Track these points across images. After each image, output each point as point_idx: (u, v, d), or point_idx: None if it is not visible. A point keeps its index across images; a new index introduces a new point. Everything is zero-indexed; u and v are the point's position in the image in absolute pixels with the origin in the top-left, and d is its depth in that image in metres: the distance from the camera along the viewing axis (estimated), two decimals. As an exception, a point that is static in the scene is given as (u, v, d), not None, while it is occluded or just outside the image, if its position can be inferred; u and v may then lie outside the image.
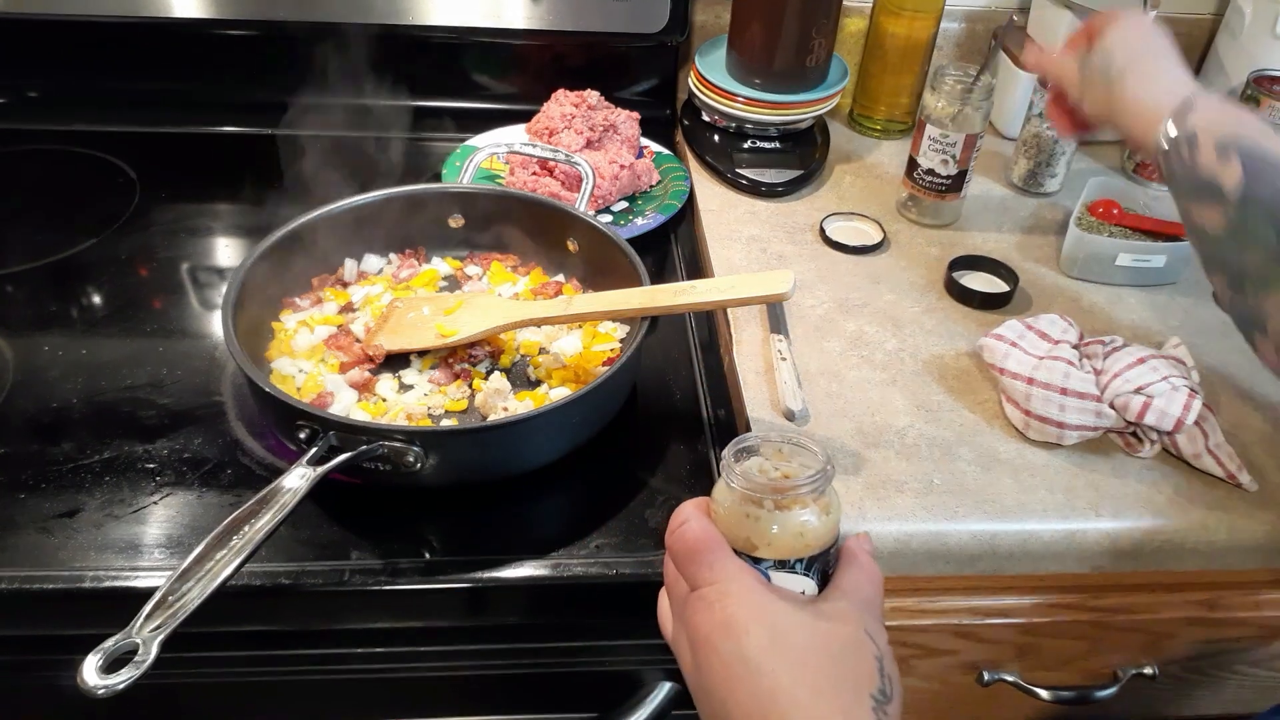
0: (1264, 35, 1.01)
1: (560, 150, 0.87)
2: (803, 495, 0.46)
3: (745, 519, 0.46)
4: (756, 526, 0.46)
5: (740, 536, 0.46)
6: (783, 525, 0.46)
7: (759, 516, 0.46)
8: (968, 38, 1.14)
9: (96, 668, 0.46)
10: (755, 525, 0.46)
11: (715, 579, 0.45)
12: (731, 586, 0.44)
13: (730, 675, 0.43)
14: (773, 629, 0.43)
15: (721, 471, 0.47)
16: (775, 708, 0.41)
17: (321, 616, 0.62)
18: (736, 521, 0.46)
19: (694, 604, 0.45)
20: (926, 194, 0.91)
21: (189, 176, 0.97)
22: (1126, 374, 0.68)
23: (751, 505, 0.46)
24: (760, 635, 0.43)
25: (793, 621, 0.43)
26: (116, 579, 0.58)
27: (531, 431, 0.62)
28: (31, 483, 0.64)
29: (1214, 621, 0.74)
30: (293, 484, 0.55)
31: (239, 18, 1.00)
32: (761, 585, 0.45)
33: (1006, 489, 0.66)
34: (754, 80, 0.97)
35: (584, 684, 0.69)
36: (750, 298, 0.66)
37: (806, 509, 0.46)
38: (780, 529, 0.46)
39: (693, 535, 0.46)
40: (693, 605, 0.45)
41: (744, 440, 0.49)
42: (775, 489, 0.46)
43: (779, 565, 0.46)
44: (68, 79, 1.05)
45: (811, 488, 0.46)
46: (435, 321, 0.74)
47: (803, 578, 0.46)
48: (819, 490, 0.46)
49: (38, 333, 0.76)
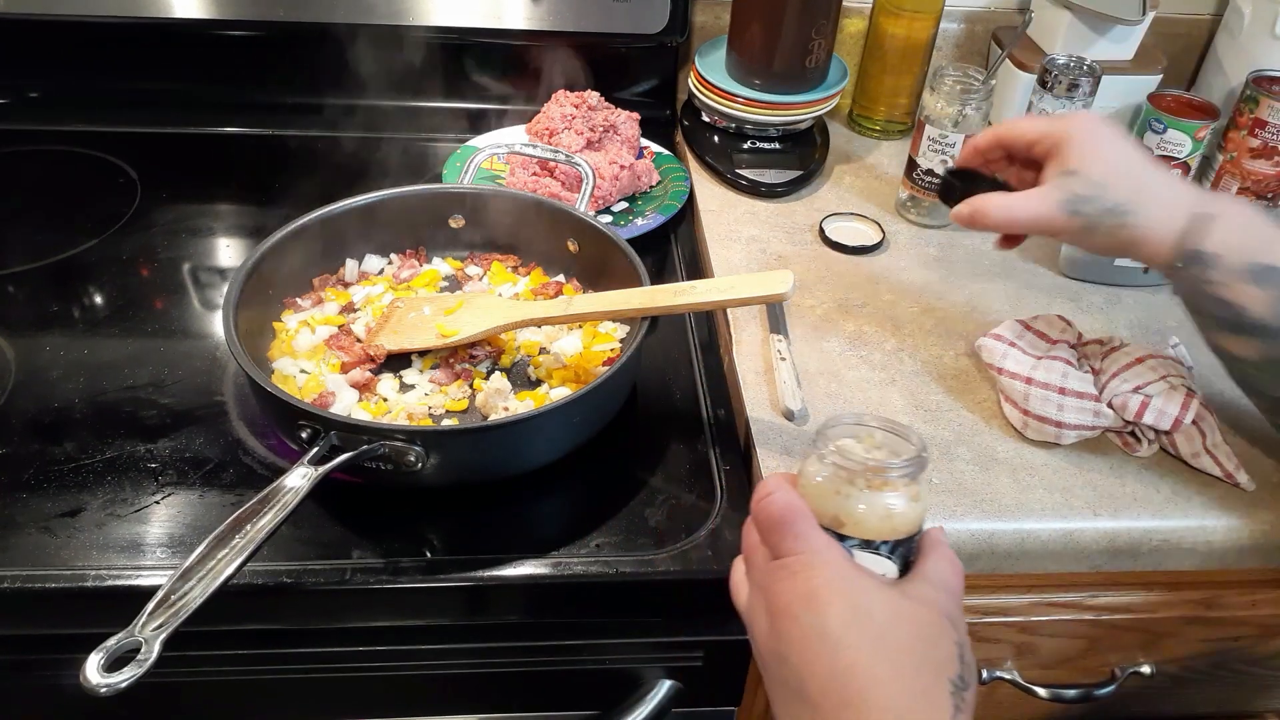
0: (1263, 35, 1.01)
1: (560, 151, 0.87)
2: (896, 479, 0.46)
3: (835, 496, 0.46)
4: (845, 504, 0.46)
5: (828, 513, 0.46)
6: (871, 505, 0.45)
7: (849, 495, 0.46)
8: (967, 38, 1.14)
9: (99, 666, 0.46)
10: (844, 503, 0.46)
11: (800, 550, 0.45)
12: (817, 559, 0.44)
13: (808, 647, 0.42)
14: (855, 605, 0.43)
15: (816, 445, 0.47)
16: (853, 683, 0.41)
17: (323, 615, 0.62)
18: (825, 497, 0.46)
19: (776, 572, 0.45)
20: (926, 194, 0.91)
21: (190, 176, 0.97)
22: (1125, 374, 0.69)
23: (843, 483, 0.46)
24: (843, 609, 0.42)
25: (876, 599, 0.43)
26: (119, 578, 0.59)
27: (532, 431, 0.63)
28: (33, 482, 0.64)
29: (1211, 620, 0.74)
30: (294, 483, 0.55)
31: (239, 18, 1.00)
32: (847, 561, 0.45)
33: (1005, 488, 0.66)
34: (754, 81, 0.97)
35: (584, 682, 0.69)
36: (750, 298, 0.66)
37: (897, 493, 0.46)
38: (869, 509, 0.45)
39: (780, 504, 0.46)
40: (775, 574, 0.45)
41: (840, 419, 0.48)
42: (871, 469, 0.46)
43: (864, 545, 0.46)
44: (68, 79, 1.05)
45: (905, 472, 0.46)
46: (436, 321, 0.74)
47: (886, 560, 0.46)
48: (912, 476, 0.46)
49: (39, 333, 0.76)
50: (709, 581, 0.61)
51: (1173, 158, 0.98)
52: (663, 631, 0.66)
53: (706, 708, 0.72)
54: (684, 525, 0.64)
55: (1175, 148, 0.98)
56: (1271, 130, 0.94)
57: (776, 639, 0.44)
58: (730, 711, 0.73)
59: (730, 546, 0.62)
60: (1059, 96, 0.92)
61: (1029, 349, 0.72)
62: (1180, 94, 1.01)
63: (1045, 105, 0.93)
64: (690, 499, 0.66)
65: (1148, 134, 0.99)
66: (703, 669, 0.68)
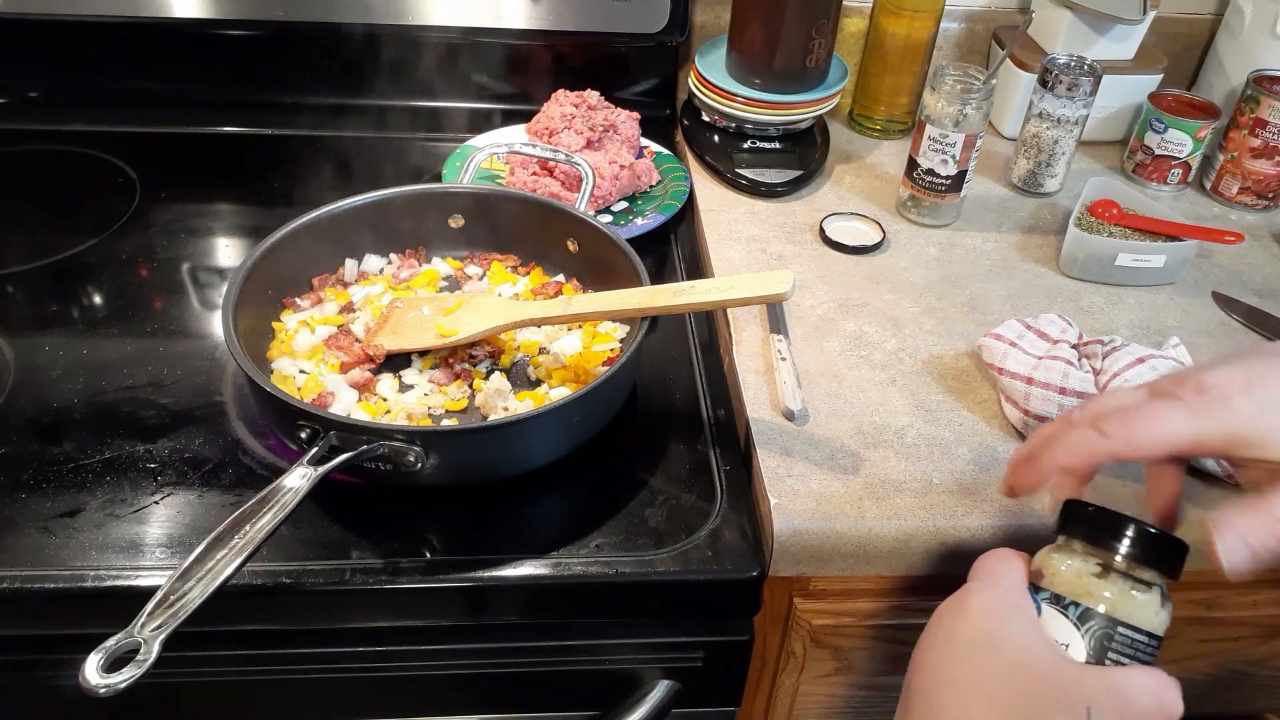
0: (1264, 35, 1.01)
1: (560, 150, 0.87)
2: (1121, 561, 0.44)
3: (1049, 552, 0.46)
4: (1053, 557, 0.45)
5: (1034, 565, 0.46)
6: (1074, 565, 0.44)
7: (1065, 553, 0.45)
8: (968, 38, 1.14)
9: (98, 667, 0.46)
10: (1052, 556, 0.45)
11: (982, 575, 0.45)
12: (990, 581, 0.44)
13: (931, 648, 0.42)
14: (992, 633, 0.41)
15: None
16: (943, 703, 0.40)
17: (322, 615, 0.62)
18: (1043, 554, 0.46)
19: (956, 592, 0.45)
20: (926, 194, 0.91)
21: (189, 176, 0.97)
22: (1125, 374, 0.68)
23: (1068, 546, 0.46)
24: (978, 630, 0.41)
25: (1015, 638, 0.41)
26: (118, 578, 0.59)
27: (531, 431, 0.63)
28: (32, 482, 0.64)
29: (1212, 621, 0.74)
30: (293, 484, 0.55)
31: (239, 18, 1.00)
32: (1018, 596, 0.43)
33: (1006, 489, 0.66)
34: (754, 80, 0.97)
35: (584, 683, 0.69)
36: (750, 298, 0.66)
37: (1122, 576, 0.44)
38: (1071, 566, 0.44)
39: (996, 552, 0.46)
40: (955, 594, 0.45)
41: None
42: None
43: (1054, 600, 0.44)
44: (68, 79, 1.05)
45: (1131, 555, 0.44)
46: (435, 321, 0.74)
47: (1070, 625, 0.43)
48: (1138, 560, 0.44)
49: (38, 333, 0.76)
50: (709, 582, 0.61)
51: (1173, 157, 0.99)
52: (662, 632, 0.66)
53: (706, 708, 0.72)
54: (684, 525, 0.64)
55: (1176, 147, 0.98)
56: (1272, 130, 0.94)
57: (921, 637, 0.44)
58: (730, 712, 0.73)
59: (730, 547, 0.62)
60: (1059, 96, 0.92)
61: (1029, 349, 0.72)
62: (1181, 93, 1.01)
63: (1045, 105, 0.93)
64: (690, 499, 0.66)
65: (1148, 133, 0.99)
66: (702, 669, 0.68)
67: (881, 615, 0.70)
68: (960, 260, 0.89)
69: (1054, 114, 0.93)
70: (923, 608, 0.70)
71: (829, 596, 0.70)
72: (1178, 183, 1.00)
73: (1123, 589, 0.44)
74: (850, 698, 0.76)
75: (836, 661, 0.73)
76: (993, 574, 0.45)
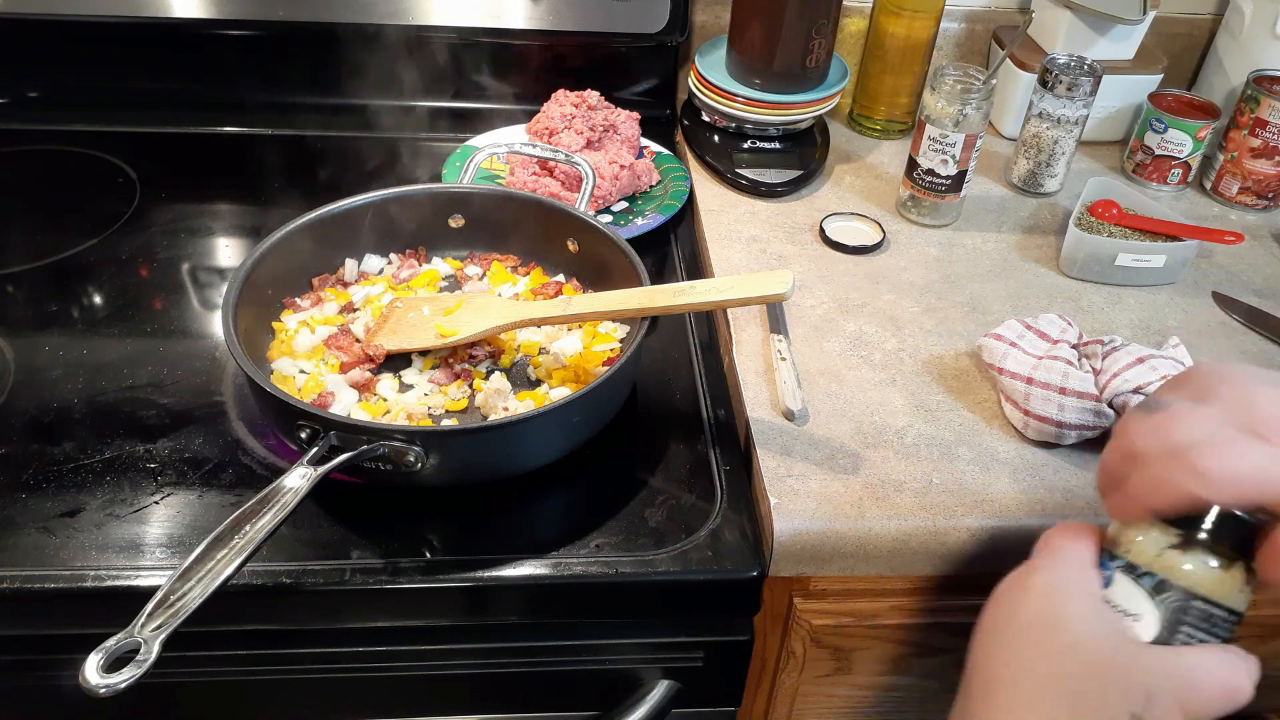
0: (1264, 35, 1.01)
1: (560, 150, 0.87)
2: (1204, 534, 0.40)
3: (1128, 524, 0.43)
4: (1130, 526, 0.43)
5: (1110, 533, 0.44)
6: (1150, 534, 0.42)
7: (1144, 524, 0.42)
8: (968, 38, 1.14)
9: (98, 667, 0.46)
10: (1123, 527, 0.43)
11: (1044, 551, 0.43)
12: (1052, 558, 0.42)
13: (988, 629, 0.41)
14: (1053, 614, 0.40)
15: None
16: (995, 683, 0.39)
17: (322, 615, 0.62)
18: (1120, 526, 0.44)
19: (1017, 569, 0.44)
20: (926, 194, 0.91)
21: (189, 176, 0.97)
22: (1126, 374, 0.68)
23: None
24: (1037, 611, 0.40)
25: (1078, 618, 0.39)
26: (118, 578, 0.59)
27: (531, 431, 0.63)
28: (32, 482, 0.64)
29: (1213, 621, 0.74)
30: (294, 483, 0.55)
31: (239, 18, 1.00)
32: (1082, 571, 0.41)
33: (1005, 488, 0.66)
34: (754, 80, 0.97)
35: (584, 683, 0.69)
36: (750, 298, 0.66)
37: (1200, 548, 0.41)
38: (1148, 535, 0.42)
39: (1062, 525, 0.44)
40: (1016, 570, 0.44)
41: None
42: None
43: (1128, 569, 0.41)
44: (68, 79, 1.05)
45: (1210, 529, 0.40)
46: (435, 321, 0.74)
47: (1144, 596, 0.40)
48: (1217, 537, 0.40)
49: (38, 333, 0.76)
50: (709, 581, 0.61)
51: (1174, 157, 0.99)
52: (662, 631, 0.66)
53: (706, 708, 0.72)
54: (684, 525, 0.64)
55: (1176, 147, 0.98)
56: (1272, 130, 0.94)
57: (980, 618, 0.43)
58: (730, 712, 0.73)
59: (730, 546, 0.62)
60: (1059, 96, 0.92)
61: (1029, 349, 0.72)
62: (1181, 93, 1.01)
63: (1045, 105, 0.93)
64: (690, 499, 0.66)
65: (1148, 133, 0.99)
66: (702, 669, 0.68)
67: (881, 615, 0.70)
68: (960, 260, 0.89)
69: (1054, 114, 0.93)
70: (923, 608, 0.70)
71: (829, 596, 0.70)
72: (1178, 183, 1.00)
73: (1204, 562, 0.41)
74: (850, 698, 0.76)
75: (836, 661, 0.73)
76: (1058, 551, 0.43)
